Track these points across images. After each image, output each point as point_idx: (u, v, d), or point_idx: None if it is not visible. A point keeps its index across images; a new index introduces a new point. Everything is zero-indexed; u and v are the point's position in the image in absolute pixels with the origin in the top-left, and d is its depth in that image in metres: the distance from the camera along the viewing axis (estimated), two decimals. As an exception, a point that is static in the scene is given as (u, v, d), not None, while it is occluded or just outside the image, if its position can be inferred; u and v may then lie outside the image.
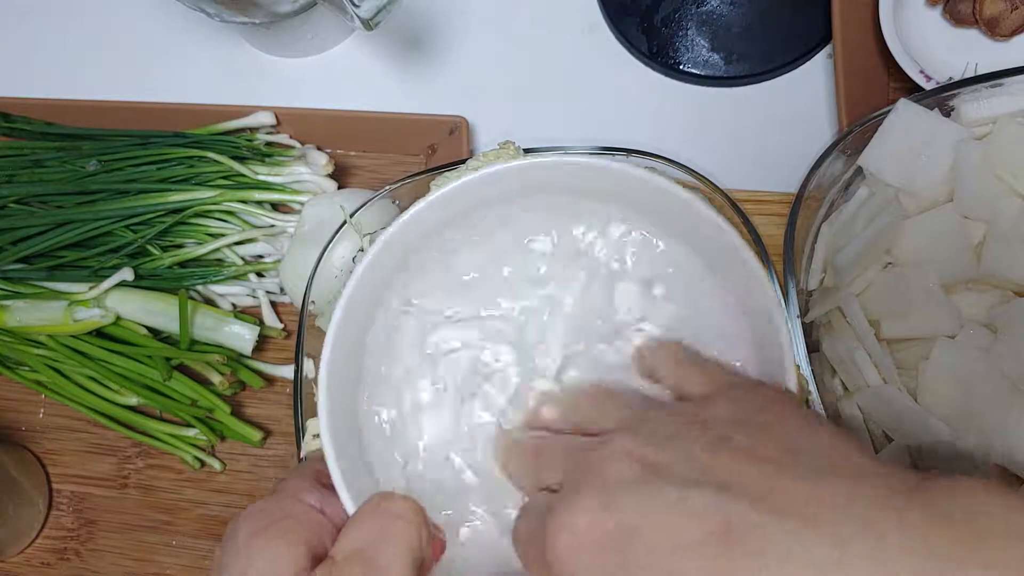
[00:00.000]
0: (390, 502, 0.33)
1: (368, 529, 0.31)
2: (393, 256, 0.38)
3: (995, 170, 0.47)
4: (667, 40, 0.63)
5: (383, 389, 0.38)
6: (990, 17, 0.55)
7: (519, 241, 0.39)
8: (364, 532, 0.31)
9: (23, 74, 0.71)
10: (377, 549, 0.31)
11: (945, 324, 0.46)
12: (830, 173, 0.51)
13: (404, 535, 0.32)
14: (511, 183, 0.38)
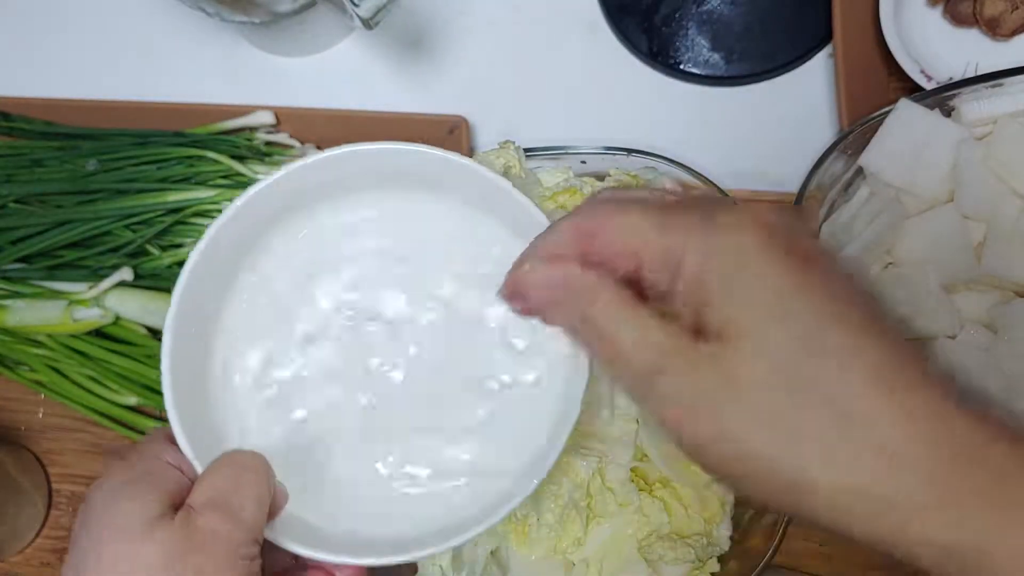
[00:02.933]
0: (241, 455, 0.35)
1: (222, 478, 0.34)
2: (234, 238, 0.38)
3: (995, 170, 0.47)
4: (667, 40, 0.63)
5: (233, 351, 0.39)
6: (990, 17, 0.55)
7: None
8: (219, 482, 0.34)
9: (23, 74, 0.71)
10: (231, 496, 0.33)
11: (945, 324, 0.46)
12: (830, 173, 0.52)
13: (255, 483, 0.34)
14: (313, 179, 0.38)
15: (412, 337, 0.39)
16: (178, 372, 0.36)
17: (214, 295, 0.38)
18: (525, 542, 0.48)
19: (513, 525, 0.48)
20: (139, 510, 0.32)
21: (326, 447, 0.38)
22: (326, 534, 0.37)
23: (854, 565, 0.55)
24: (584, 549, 0.49)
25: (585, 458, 0.48)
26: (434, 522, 0.38)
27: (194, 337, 0.37)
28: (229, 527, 0.32)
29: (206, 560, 0.31)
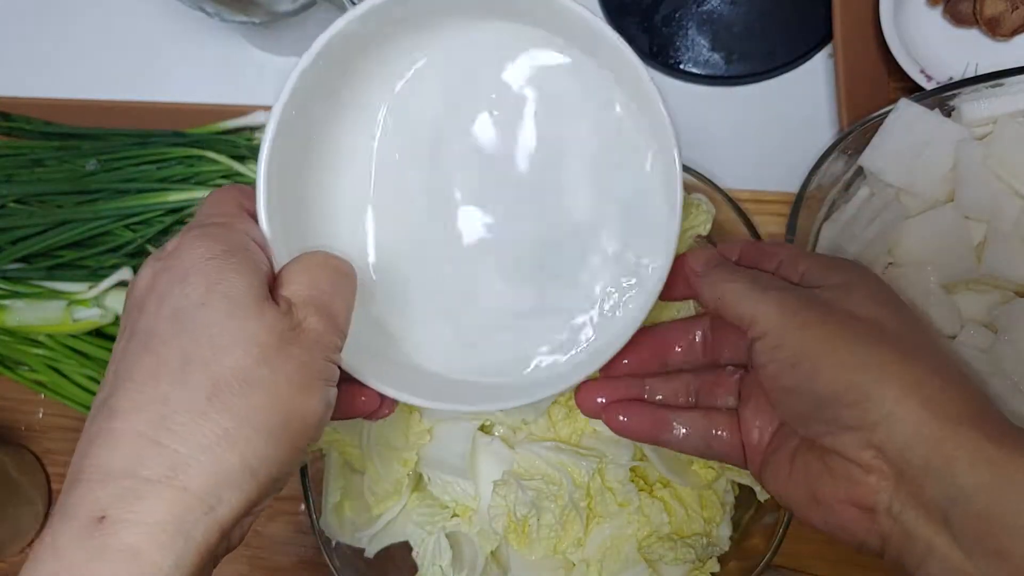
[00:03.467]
0: (337, 260, 0.34)
1: (321, 280, 0.33)
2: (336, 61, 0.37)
3: (995, 170, 0.47)
4: (667, 39, 0.63)
5: (336, 167, 0.38)
6: (991, 17, 0.55)
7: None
8: (318, 282, 0.32)
9: (23, 74, 0.71)
10: (330, 300, 0.32)
11: (945, 324, 0.46)
12: (831, 173, 0.51)
13: (351, 291, 0.34)
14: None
15: (508, 172, 0.39)
16: (275, 160, 0.34)
17: (323, 106, 0.37)
18: (525, 542, 0.48)
19: (513, 525, 0.49)
20: (248, 285, 0.30)
21: (422, 282, 0.38)
22: (404, 371, 0.37)
23: (854, 565, 0.55)
24: (584, 549, 0.49)
25: (585, 458, 0.48)
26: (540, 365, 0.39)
27: (298, 141, 0.36)
28: (329, 330, 0.32)
29: (309, 356, 0.30)
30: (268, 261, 0.33)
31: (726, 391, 0.39)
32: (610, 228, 0.39)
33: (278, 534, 0.59)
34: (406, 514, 0.50)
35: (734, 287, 0.35)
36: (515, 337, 0.40)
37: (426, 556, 0.49)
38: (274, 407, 0.29)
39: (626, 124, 0.39)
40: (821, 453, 0.33)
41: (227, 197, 0.34)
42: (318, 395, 0.31)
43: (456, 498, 0.50)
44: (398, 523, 0.50)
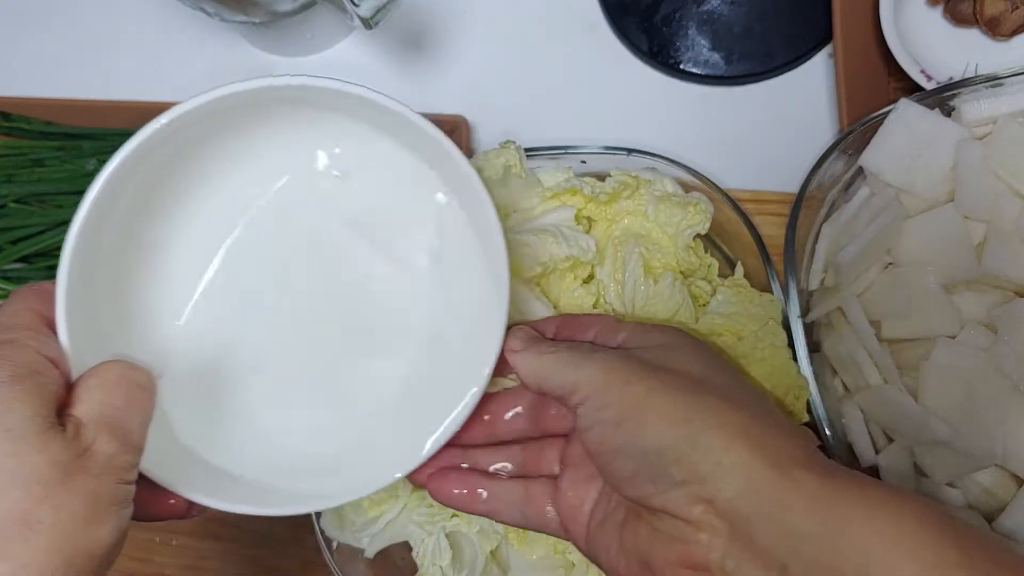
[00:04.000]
0: (134, 372, 0.33)
1: (116, 396, 0.31)
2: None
3: (995, 170, 0.47)
4: (667, 39, 0.63)
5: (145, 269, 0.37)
6: (991, 17, 0.55)
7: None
8: (112, 398, 0.31)
9: (23, 74, 0.71)
10: (124, 417, 0.31)
11: (945, 324, 0.46)
12: (831, 173, 0.52)
13: (149, 405, 0.33)
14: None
15: (329, 270, 0.39)
16: (79, 265, 0.32)
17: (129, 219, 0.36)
18: (525, 542, 0.48)
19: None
20: (32, 415, 0.28)
21: (236, 380, 0.38)
22: (213, 474, 0.37)
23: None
24: (584, 549, 0.49)
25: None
26: (355, 466, 0.38)
27: (113, 238, 0.35)
28: (121, 451, 0.30)
29: (97, 485, 0.29)
30: (62, 378, 0.31)
31: (550, 461, 0.38)
32: (437, 327, 0.39)
33: (278, 534, 0.59)
34: (406, 514, 0.50)
35: (554, 358, 0.35)
36: (336, 437, 0.39)
37: (426, 556, 0.49)
38: (56, 548, 0.28)
39: (448, 216, 0.39)
40: (650, 519, 0.33)
41: (22, 308, 0.32)
42: (108, 524, 0.30)
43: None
44: (398, 523, 0.50)
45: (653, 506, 0.32)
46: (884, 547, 0.28)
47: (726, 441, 0.31)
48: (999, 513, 0.45)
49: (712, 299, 0.49)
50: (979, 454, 0.44)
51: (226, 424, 0.38)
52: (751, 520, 0.30)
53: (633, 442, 0.32)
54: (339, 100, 0.36)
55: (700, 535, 0.31)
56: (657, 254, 0.49)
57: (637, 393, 0.33)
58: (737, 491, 0.30)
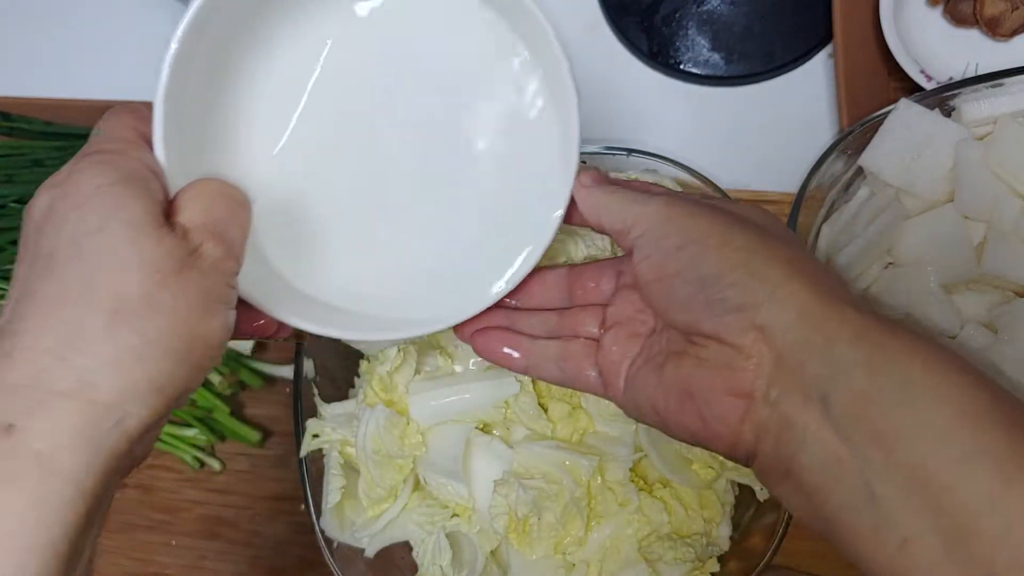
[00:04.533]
0: (231, 189, 0.34)
1: (217, 208, 0.33)
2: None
3: (995, 170, 0.47)
4: (667, 39, 0.63)
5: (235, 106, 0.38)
6: (991, 17, 0.55)
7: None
8: (213, 209, 0.32)
9: (23, 74, 0.71)
10: (226, 226, 0.32)
11: (945, 324, 0.46)
12: (831, 173, 0.52)
13: (246, 219, 0.34)
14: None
15: (410, 115, 0.39)
16: (175, 87, 0.33)
17: (221, 51, 0.37)
18: (526, 541, 0.49)
19: (514, 524, 0.49)
20: (145, 211, 0.30)
21: (320, 214, 0.39)
22: (301, 297, 0.38)
23: (854, 566, 0.55)
24: (584, 549, 0.49)
25: (585, 456, 0.48)
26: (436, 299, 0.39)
27: (206, 65, 0.36)
28: (225, 255, 0.32)
29: (207, 282, 0.31)
30: (163, 189, 0.32)
31: (586, 325, 0.40)
32: (508, 175, 0.40)
33: (278, 534, 0.59)
34: (406, 514, 0.50)
35: (619, 194, 0.36)
36: (413, 274, 0.41)
37: (426, 556, 0.49)
38: (177, 330, 0.29)
39: (524, 75, 0.39)
40: (695, 351, 0.33)
41: (122, 122, 0.33)
42: (219, 318, 0.31)
43: (451, 499, 0.50)
44: (398, 523, 0.50)
45: (704, 331, 0.32)
46: (923, 385, 0.28)
47: (783, 273, 0.31)
48: (999, 513, 0.45)
49: (712, 299, 0.49)
50: (979, 454, 0.44)
51: (314, 256, 0.39)
52: (799, 350, 0.30)
53: (693, 265, 0.33)
54: None
55: (748, 362, 0.31)
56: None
57: (700, 223, 0.34)
58: (789, 320, 0.30)
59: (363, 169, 0.40)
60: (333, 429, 0.51)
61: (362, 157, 0.39)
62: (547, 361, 0.39)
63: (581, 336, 0.39)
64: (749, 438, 0.32)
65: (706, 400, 0.32)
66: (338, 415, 0.52)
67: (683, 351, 0.34)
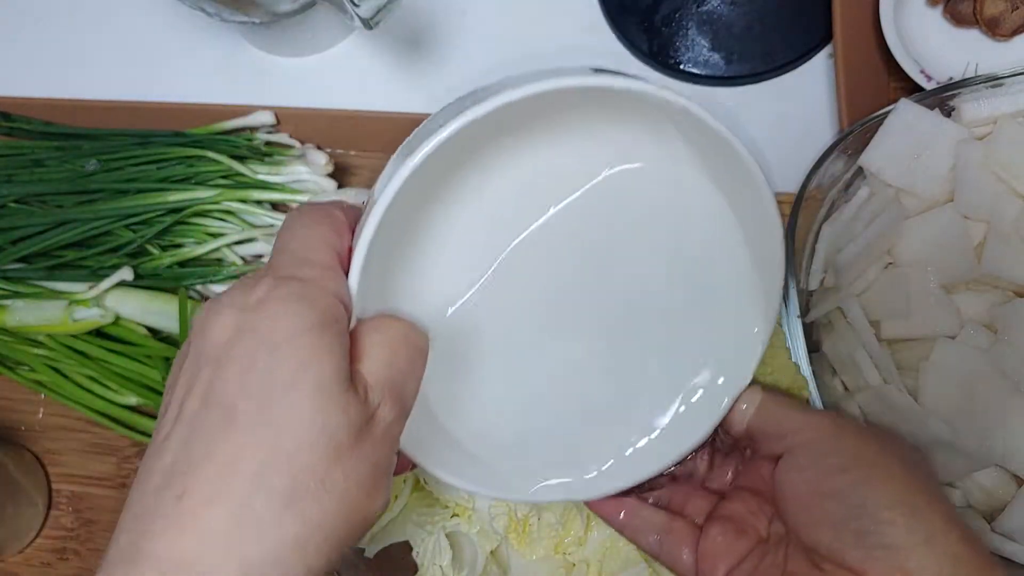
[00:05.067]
0: (416, 335, 0.32)
1: (400, 358, 0.30)
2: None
3: (995, 170, 0.47)
4: (667, 39, 0.63)
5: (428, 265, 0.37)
6: (991, 17, 0.55)
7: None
8: (397, 360, 0.30)
9: (23, 74, 0.71)
10: (405, 382, 0.30)
11: (945, 324, 0.46)
12: (831, 173, 0.52)
13: (422, 370, 0.32)
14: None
15: (612, 278, 0.38)
16: (376, 245, 0.31)
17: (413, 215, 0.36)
18: (525, 542, 0.48)
19: (514, 524, 0.49)
20: (336, 370, 0.27)
21: (488, 359, 0.38)
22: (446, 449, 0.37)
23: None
24: (584, 549, 0.49)
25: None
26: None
27: (396, 233, 0.34)
28: (398, 418, 0.30)
29: (378, 453, 0.29)
30: (348, 327, 0.30)
31: (698, 505, 0.39)
32: (695, 353, 0.39)
33: (278, 534, 0.59)
34: (406, 514, 0.50)
35: (780, 397, 0.36)
36: (573, 443, 0.40)
37: (426, 556, 0.49)
38: (344, 515, 0.28)
39: (717, 228, 0.39)
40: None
41: (320, 239, 0.31)
42: (383, 493, 0.29)
43: (451, 499, 0.50)
44: (398, 523, 0.50)
45: (846, 561, 0.31)
46: None
47: (944, 523, 0.31)
48: (999, 513, 0.45)
49: (712, 299, 0.49)
50: (979, 454, 0.44)
51: (474, 407, 0.38)
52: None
53: (856, 492, 0.32)
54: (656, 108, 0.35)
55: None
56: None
57: (871, 451, 0.33)
58: (941, 571, 0.30)
59: (542, 326, 0.38)
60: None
61: (543, 313, 0.38)
62: (648, 528, 0.39)
63: (687, 515, 0.39)
64: None
65: None
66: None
67: (806, 575, 0.33)
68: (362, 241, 0.31)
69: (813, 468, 0.33)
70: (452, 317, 0.37)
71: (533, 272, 0.38)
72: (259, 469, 0.26)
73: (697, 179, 0.38)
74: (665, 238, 0.38)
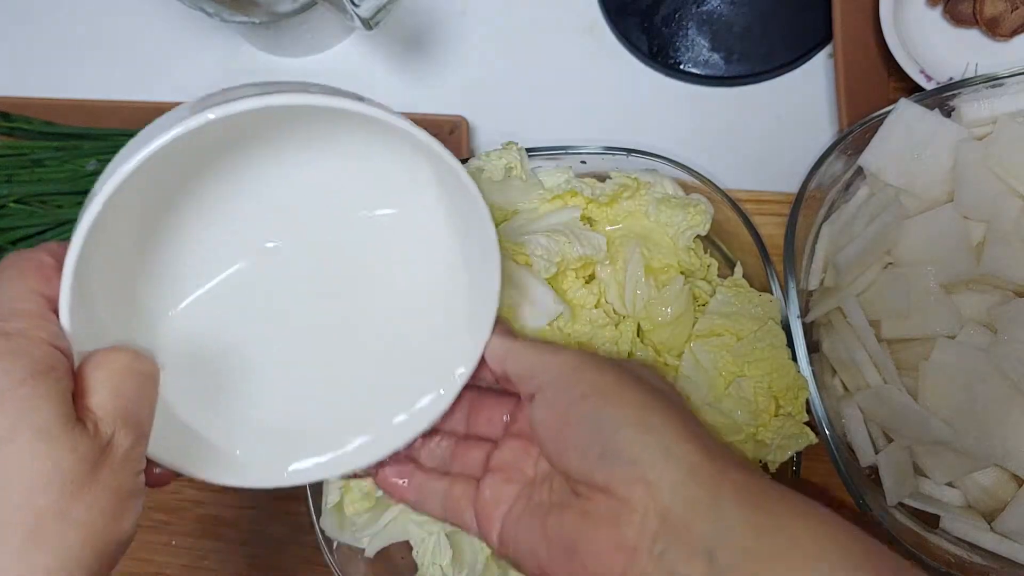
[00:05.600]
0: (142, 362, 0.32)
1: (127, 387, 0.31)
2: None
3: (995, 170, 0.47)
4: (667, 40, 0.63)
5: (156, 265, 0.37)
6: (990, 17, 0.55)
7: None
8: (124, 389, 0.31)
9: (23, 74, 0.71)
10: (136, 407, 0.31)
11: (945, 324, 0.46)
12: (830, 173, 0.52)
13: (155, 394, 0.33)
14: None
15: (322, 258, 0.40)
16: (88, 255, 0.31)
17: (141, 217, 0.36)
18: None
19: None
20: (57, 413, 0.28)
21: (227, 361, 0.39)
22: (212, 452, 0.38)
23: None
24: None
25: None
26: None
27: (117, 236, 0.34)
28: (136, 443, 0.30)
29: (119, 480, 0.29)
30: (71, 369, 0.30)
31: (473, 463, 0.41)
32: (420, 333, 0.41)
33: (278, 534, 0.59)
34: (406, 514, 0.50)
35: (530, 343, 0.39)
36: (321, 419, 0.41)
37: (426, 556, 0.49)
38: (92, 543, 0.28)
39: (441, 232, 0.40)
40: (581, 504, 0.34)
41: (25, 288, 0.30)
42: (131, 516, 0.30)
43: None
44: (398, 523, 0.50)
45: (595, 481, 0.33)
46: (806, 543, 0.30)
47: (679, 435, 0.33)
48: (999, 513, 0.45)
49: (712, 299, 0.49)
50: (979, 454, 0.44)
51: (220, 406, 0.39)
52: (687, 506, 0.32)
53: (595, 416, 0.34)
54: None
55: (633, 515, 0.32)
56: (658, 255, 0.49)
57: (606, 378, 0.36)
58: (679, 478, 0.32)
59: (277, 322, 0.40)
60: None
61: (276, 311, 0.40)
62: (432, 496, 0.40)
63: (466, 474, 0.40)
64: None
65: (591, 554, 0.33)
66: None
67: (567, 504, 0.35)
68: (63, 283, 0.31)
69: (558, 400, 0.36)
70: (191, 324, 0.38)
71: (269, 286, 0.39)
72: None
73: (440, 223, 0.40)
74: (396, 272, 0.41)
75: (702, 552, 0.31)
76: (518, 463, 0.39)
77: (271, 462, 0.39)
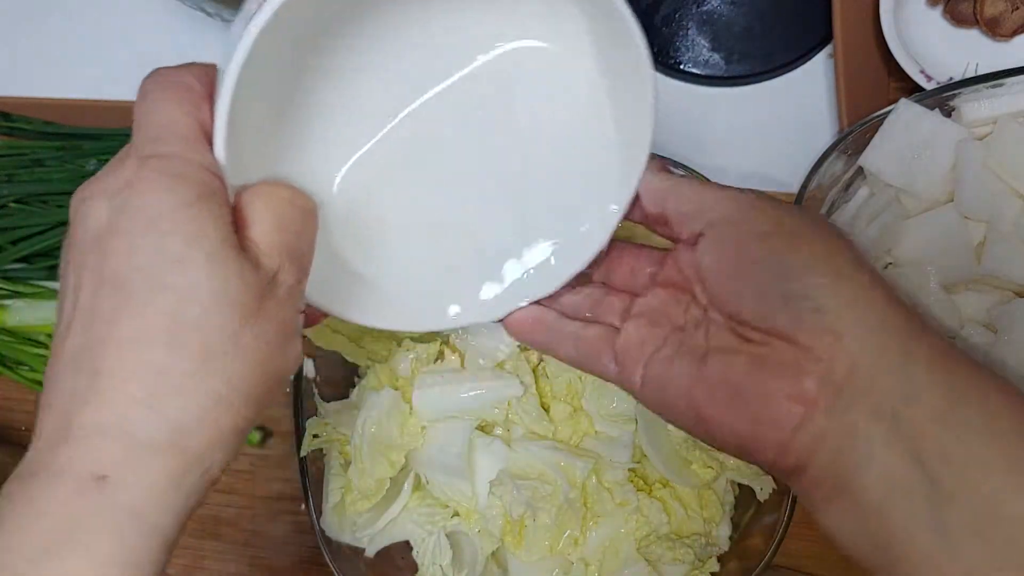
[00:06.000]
0: (302, 198, 0.31)
1: (289, 222, 0.30)
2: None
3: (995, 170, 0.47)
4: (667, 40, 0.63)
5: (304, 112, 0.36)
6: (991, 17, 0.55)
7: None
8: (286, 223, 0.30)
9: (23, 74, 0.71)
10: (298, 243, 0.30)
11: (945, 324, 0.46)
12: (831, 173, 0.52)
13: (315, 231, 0.32)
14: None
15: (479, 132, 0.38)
16: (246, 74, 0.29)
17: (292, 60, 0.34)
18: (521, 544, 0.49)
19: (509, 525, 0.49)
20: (224, 238, 0.27)
21: (381, 212, 0.38)
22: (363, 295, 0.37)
23: (854, 566, 0.55)
24: (583, 548, 0.49)
25: (581, 459, 0.48)
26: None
27: (281, 63, 0.33)
28: (299, 279, 0.30)
29: (284, 313, 0.29)
30: (227, 195, 0.29)
31: (609, 312, 0.38)
32: (571, 174, 0.39)
33: (278, 534, 0.59)
34: (406, 514, 0.50)
35: (690, 180, 0.35)
36: (469, 266, 0.40)
37: (426, 556, 0.49)
38: (259, 372, 0.29)
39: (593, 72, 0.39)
40: (755, 349, 0.31)
41: (178, 111, 0.29)
42: (294, 350, 0.30)
43: (453, 498, 0.50)
44: (398, 523, 0.50)
45: (775, 326, 0.30)
46: (1007, 420, 0.28)
47: (869, 284, 0.30)
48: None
49: (712, 299, 0.49)
50: (979, 454, 0.44)
51: (373, 251, 0.38)
52: (875, 361, 0.29)
53: (780, 256, 0.31)
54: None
55: (818, 365, 0.29)
56: (657, 254, 0.49)
57: (792, 217, 0.32)
58: (870, 330, 0.29)
59: (417, 161, 0.39)
60: (334, 428, 0.51)
61: (415, 148, 0.38)
62: (566, 338, 0.37)
63: (604, 323, 0.37)
64: (802, 448, 0.29)
65: (762, 401, 0.30)
66: (338, 410, 0.52)
67: (735, 348, 0.31)
68: (219, 111, 0.29)
69: (735, 238, 0.32)
70: (349, 172, 0.37)
71: (420, 136, 0.38)
72: (166, 339, 0.27)
73: (587, 58, 0.38)
74: (539, 108, 0.39)
75: (887, 413, 0.28)
76: (665, 309, 0.35)
77: (424, 307, 0.39)
